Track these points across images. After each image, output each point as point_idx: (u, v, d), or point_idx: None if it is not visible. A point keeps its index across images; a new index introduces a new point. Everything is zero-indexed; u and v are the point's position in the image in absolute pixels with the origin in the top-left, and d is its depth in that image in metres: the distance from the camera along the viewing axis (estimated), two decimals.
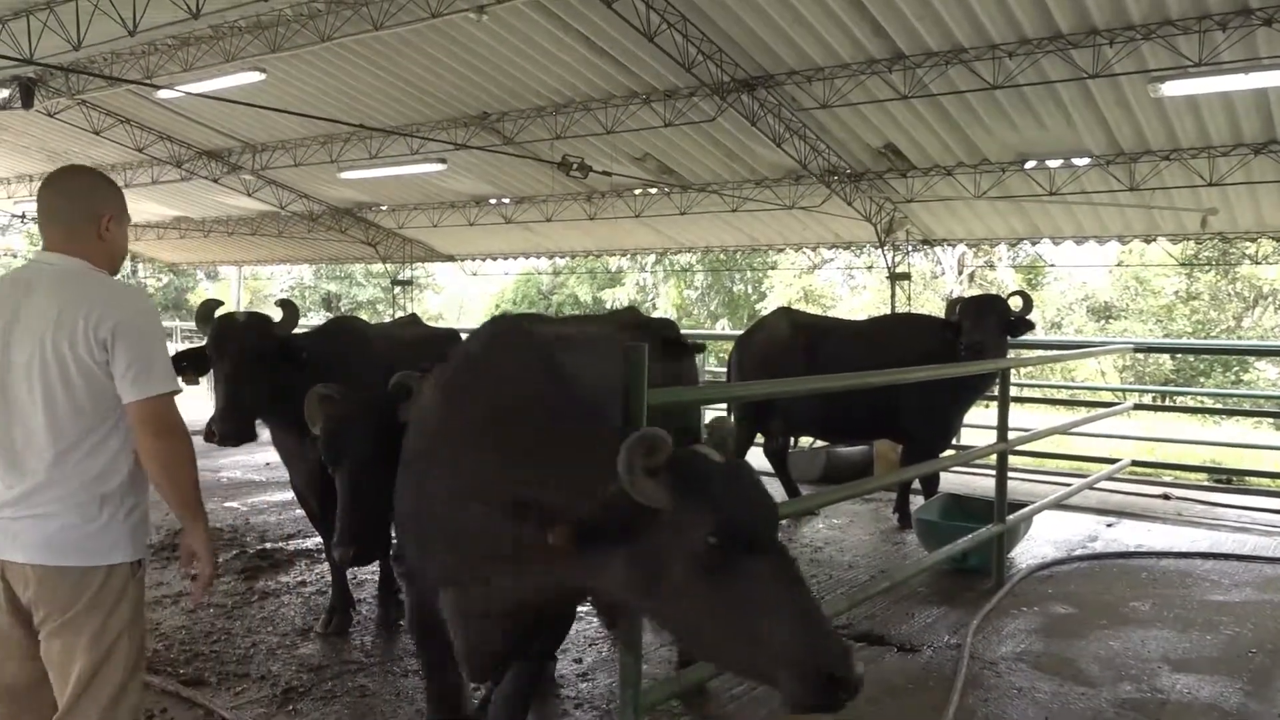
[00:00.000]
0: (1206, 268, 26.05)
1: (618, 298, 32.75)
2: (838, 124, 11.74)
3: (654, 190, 15.15)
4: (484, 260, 22.86)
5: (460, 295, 38.52)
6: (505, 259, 22.36)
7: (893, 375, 5.45)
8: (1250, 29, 8.18)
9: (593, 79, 11.78)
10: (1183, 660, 4.77)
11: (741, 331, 8.84)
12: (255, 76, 12.01)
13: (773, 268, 30.09)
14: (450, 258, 23.16)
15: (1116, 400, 11.84)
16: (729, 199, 14.11)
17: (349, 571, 5.28)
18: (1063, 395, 16.31)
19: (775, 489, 7.91)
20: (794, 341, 7.81)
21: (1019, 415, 12.61)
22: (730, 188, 13.98)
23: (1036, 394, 13.82)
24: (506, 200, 17.69)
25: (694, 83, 10.95)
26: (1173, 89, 8.92)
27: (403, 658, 4.60)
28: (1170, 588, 6.06)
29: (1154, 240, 13.54)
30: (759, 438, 8.32)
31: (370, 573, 5.76)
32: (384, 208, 19.94)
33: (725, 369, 8.76)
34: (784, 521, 7.61)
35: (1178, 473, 9.90)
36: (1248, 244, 16.66)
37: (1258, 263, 24.56)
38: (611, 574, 2.26)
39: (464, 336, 4.77)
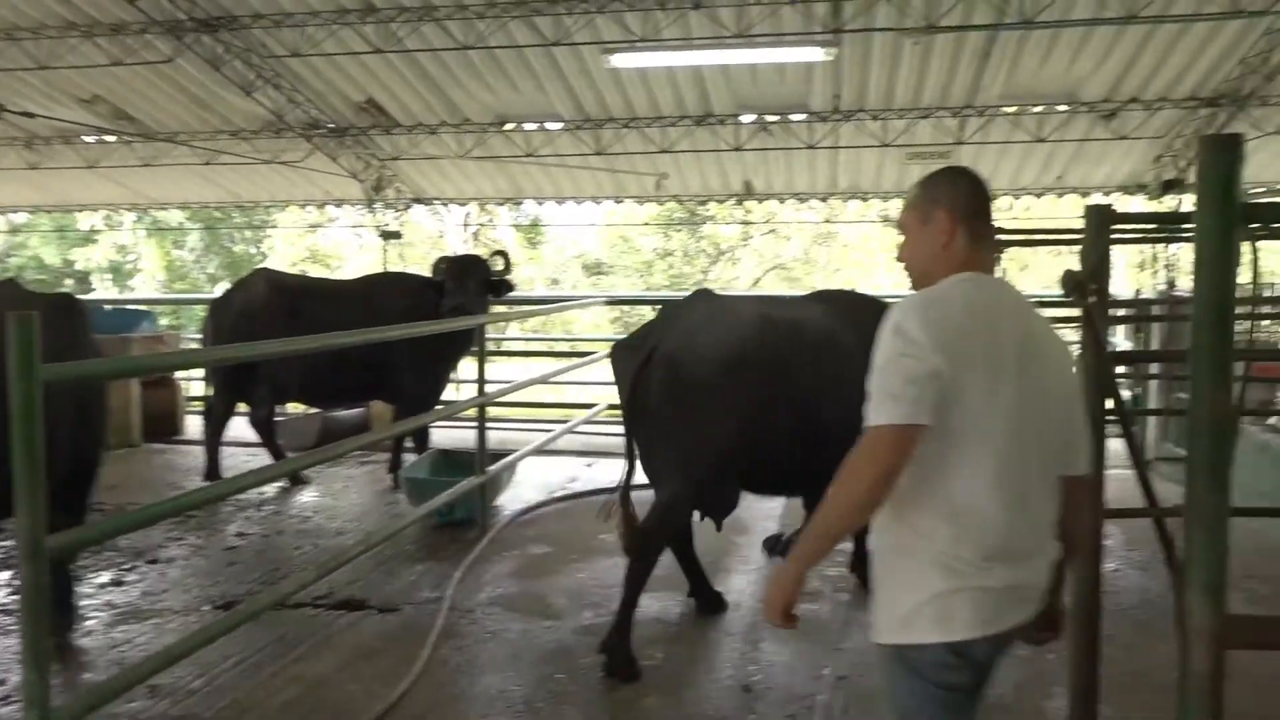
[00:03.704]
0: (678, 228, 29.43)
1: (91, 258, 28.91)
2: (314, 75, 11.19)
3: (111, 138, 13.36)
4: None
5: None
6: None
7: (374, 334, 5.35)
8: (683, 11, 9.17)
9: (17, 5, 10.01)
10: None
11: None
12: None
13: (273, 226, 28.49)
14: None
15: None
16: (201, 151, 12.90)
17: None
18: (563, 347, 17.39)
19: (263, 459, 7.53)
20: (273, 303, 7.41)
21: (519, 368, 13.27)
22: (202, 138, 12.77)
23: (541, 347, 14.62)
24: None
25: (144, 18, 9.76)
26: (621, 61, 9.73)
27: None
28: None
29: (622, 201, 14.82)
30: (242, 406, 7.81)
31: None
32: None
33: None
34: (270, 491, 7.29)
35: None
36: (705, 206, 19.11)
37: (716, 222, 28.30)
38: None
39: None
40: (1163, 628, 3.40)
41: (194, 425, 9.55)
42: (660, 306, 4.53)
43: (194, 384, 11.21)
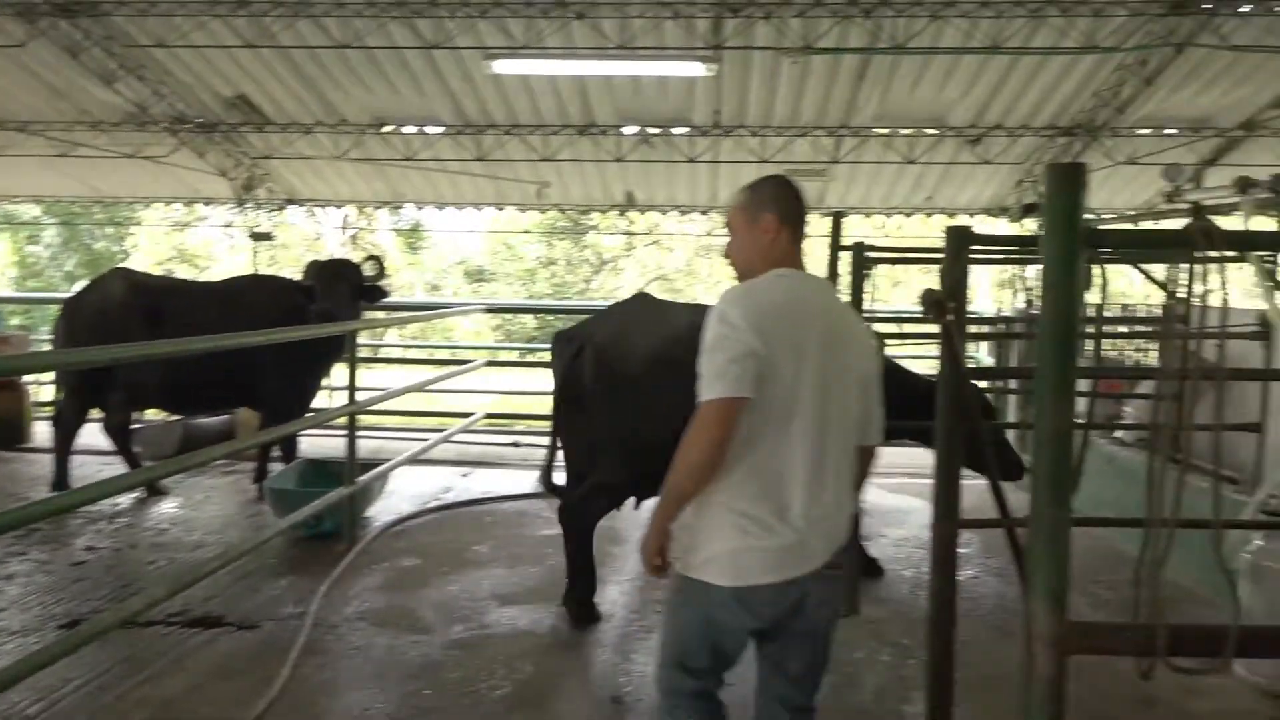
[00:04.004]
0: (561, 236, 29.38)
1: None
2: (182, 67, 10.68)
3: None
4: None
5: None
6: None
7: (237, 338, 5.15)
8: (566, 20, 9.14)
9: None
10: (510, 594, 5.19)
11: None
12: None
13: (137, 224, 27.21)
14: None
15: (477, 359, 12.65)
16: (56, 142, 12.17)
17: None
18: (444, 355, 17.06)
19: (117, 468, 7.15)
20: (131, 303, 7.08)
21: (398, 376, 12.95)
22: (58, 129, 12.05)
23: (421, 354, 14.29)
24: None
25: None
26: (502, 67, 9.62)
27: None
28: (508, 528, 6.60)
29: (504, 208, 14.67)
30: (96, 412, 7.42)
31: None
32: None
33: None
34: (125, 503, 6.92)
35: (530, 421, 10.87)
36: (588, 216, 19.04)
37: (600, 232, 28.39)
38: None
39: None
40: (1017, 632, 3.54)
41: (42, 432, 9.01)
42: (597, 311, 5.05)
43: (44, 388, 10.59)
